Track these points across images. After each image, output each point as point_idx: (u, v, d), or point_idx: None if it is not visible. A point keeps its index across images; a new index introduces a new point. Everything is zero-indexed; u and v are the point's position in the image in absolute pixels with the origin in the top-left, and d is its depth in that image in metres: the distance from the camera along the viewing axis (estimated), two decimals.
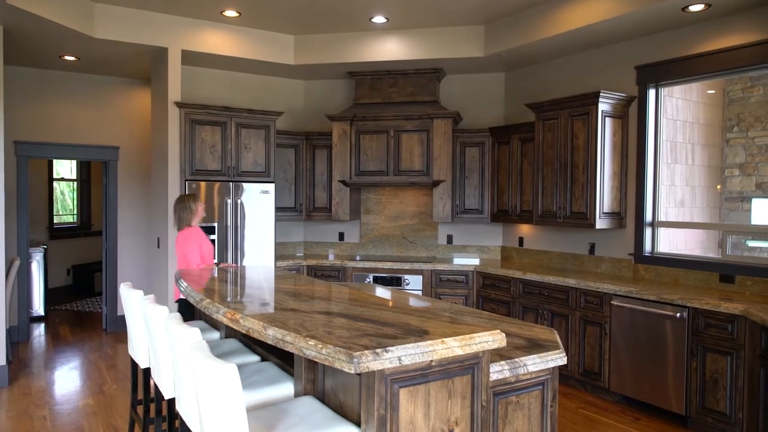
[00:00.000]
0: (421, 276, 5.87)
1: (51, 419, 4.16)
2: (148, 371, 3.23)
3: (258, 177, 5.91)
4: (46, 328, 7.05)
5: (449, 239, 6.58)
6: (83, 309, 8.21)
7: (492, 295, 5.62)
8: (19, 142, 6.41)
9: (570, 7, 4.82)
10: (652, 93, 4.93)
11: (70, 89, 6.71)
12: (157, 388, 2.92)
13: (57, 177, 9.70)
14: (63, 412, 4.31)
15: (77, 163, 9.98)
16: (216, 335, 3.47)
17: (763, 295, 4.08)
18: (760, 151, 5.74)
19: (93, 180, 10.00)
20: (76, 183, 10.15)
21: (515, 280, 5.37)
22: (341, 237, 6.87)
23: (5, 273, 5.30)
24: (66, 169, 9.99)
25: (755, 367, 3.56)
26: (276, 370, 2.66)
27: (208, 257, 4.42)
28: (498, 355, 2.26)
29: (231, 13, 5.44)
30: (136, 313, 3.11)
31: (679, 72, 4.67)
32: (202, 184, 5.58)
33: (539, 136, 5.43)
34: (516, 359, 2.25)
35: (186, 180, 5.52)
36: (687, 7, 4.19)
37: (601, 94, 4.82)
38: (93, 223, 10.01)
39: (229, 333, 3.43)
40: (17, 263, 5.58)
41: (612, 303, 4.51)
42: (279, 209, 6.33)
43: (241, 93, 6.57)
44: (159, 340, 2.67)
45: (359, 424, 2.01)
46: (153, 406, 3.88)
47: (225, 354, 2.98)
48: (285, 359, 2.74)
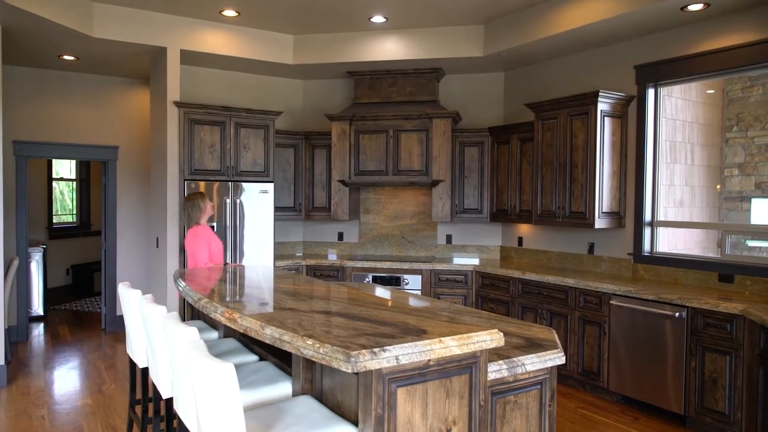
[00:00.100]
0: (420, 276, 5.87)
1: (50, 419, 4.16)
2: (146, 371, 3.23)
3: (257, 177, 5.91)
4: (45, 327, 7.05)
5: (448, 239, 6.58)
6: (82, 309, 8.21)
7: (491, 295, 5.62)
8: (19, 141, 6.40)
9: (569, 7, 4.82)
10: (651, 92, 4.93)
11: (69, 89, 6.71)
12: (156, 387, 2.92)
13: (56, 177, 9.70)
14: (62, 411, 4.31)
15: (76, 163, 9.98)
16: (215, 335, 3.47)
17: (762, 295, 4.08)
18: (759, 151, 5.74)
19: (92, 180, 10.00)
20: (75, 183, 10.15)
21: (514, 279, 5.37)
22: (340, 237, 6.87)
23: (4, 273, 5.30)
24: (65, 169, 9.99)
25: (754, 367, 3.56)
26: (274, 369, 2.65)
27: (217, 256, 4.40)
28: (496, 355, 2.26)
29: (230, 13, 5.44)
30: (134, 313, 3.10)
31: (678, 71, 4.66)
32: (201, 183, 5.57)
33: (538, 135, 5.42)
34: (514, 359, 2.24)
35: (185, 180, 5.51)
36: (686, 7, 4.19)
37: (600, 93, 4.82)
38: (92, 223, 10.01)
39: (228, 333, 3.42)
40: (16, 263, 5.58)
41: (611, 303, 4.51)
42: (278, 209, 6.33)
43: (241, 93, 6.57)
44: (157, 339, 2.67)
45: (357, 423, 2.01)
46: (151, 405, 3.87)
47: (223, 353, 2.98)
48: (283, 359, 2.73)
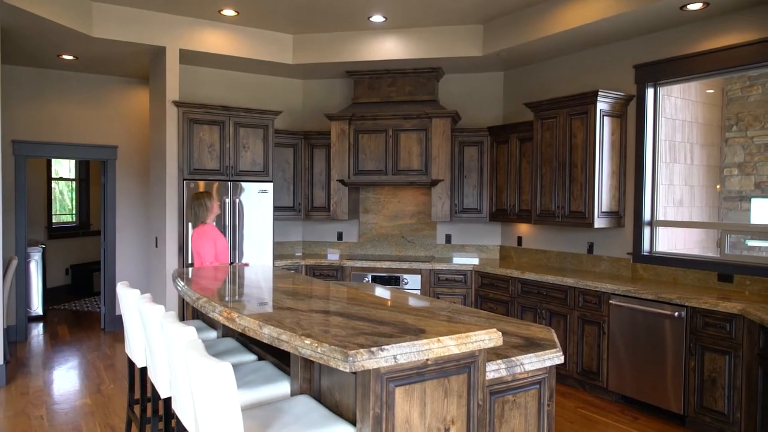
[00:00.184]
0: (420, 275, 5.87)
1: (48, 419, 4.15)
2: (145, 370, 3.22)
3: (256, 176, 5.91)
4: (44, 327, 7.04)
5: (448, 239, 6.58)
6: (82, 308, 8.20)
7: (490, 295, 5.61)
8: (18, 141, 6.40)
9: (568, 7, 4.82)
10: (650, 92, 4.92)
11: (68, 88, 6.71)
12: (154, 387, 2.92)
13: (56, 176, 9.69)
14: (60, 411, 4.31)
15: (76, 163, 9.98)
16: (213, 334, 3.47)
17: (762, 295, 4.07)
18: (759, 151, 5.73)
19: (92, 179, 10.00)
20: (74, 182, 10.14)
21: (514, 279, 5.37)
22: (340, 236, 6.87)
23: (3, 272, 5.30)
24: (65, 169, 9.98)
25: (753, 367, 3.55)
26: (272, 369, 2.65)
27: (222, 255, 4.41)
28: (495, 354, 2.26)
29: (229, 12, 5.44)
30: (132, 313, 3.10)
31: (678, 71, 4.66)
32: (200, 183, 5.57)
33: (538, 135, 5.42)
34: (513, 358, 2.24)
35: (184, 179, 5.51)
36: (685, 6, 4.19)
37: (600, 93, 4.81)
38: (92, 223, 10.00)
39: (227, 332, 3.42)
40: (15, 262, 5.57)
41: (610, 302, 4.51)
42: (277, 209, 6.33)
43: (240, 92, 6.56)
44: (155, 339, 2.66)
45: (355, 423, 2.00)
46: (150, 405, 3.87)
47: (221, 353, 2.97)
48: (282, 358, 2.73)
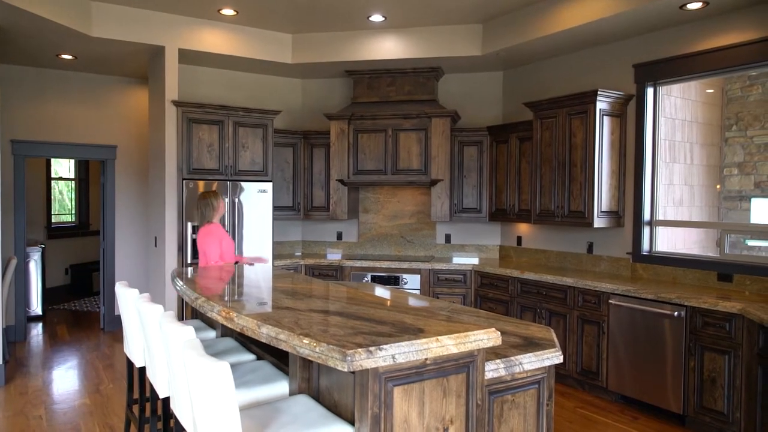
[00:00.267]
0: (419, 275, 5.86)
1: (47, 419, 4.15)
2: (143, 370, 3.22)
3: (255, 176, 5.90)
4: (43, 327, 7.04)
5: (447, 238, 6.57)
6: (81, 308, 8.20)
7: (490, 294, 5.61)
8: (16, 141, 6.39)
9: (568, 6, 4.81)
10: (650, 91, 4.92)
11: (67, 88, 6.70)
12: (153, 387, 2.91)
13: (55, 176, 9.69)
14: (59, 411, 4.30)
15: (75, 163, 9.97)
16: (212, 334, 3.46)
17: (761, 294, 4.07)
18: (758, 150, 5.73)
19: (91, 179, 9.99)
20: (74, 182, 10.14)
21: (513, 279, 5.36)
22: (339, 236, 6.86)
23: (2, 272, 5.29)
24: (64, 169, 9.98)
25: (753, 366, 3.55)
26: (271, 368, 2.64)
27: (228, 254, 4.43)
28: (494, 354, 2.25)
29: (228, 12, 5.43)
30: (131, 312, 3.09)
31: (677, 70, 4.66)
32: (199, 183, 5.56)
33: (537, 134, 5.41)
34: (512, 358, 2.23)
35: (183, 179, 5.50)
36: (684, 5, 4.18)
37: (599, 92, 4.81)
38: (91, 223, 9.99)
39: (225, 332, 3.41)
40: (14, 262, 5.56)
41: (610, 302, 4.50)
42: (277, 208, 6.32)
43: (239, 92, 6.56)
44: (154, 338, 2.66)
45: (354, 422, 2.00)
46: (149, 405, 3.87)
47: (220, 353, 2.97)
48: (280, 358, 2.72)
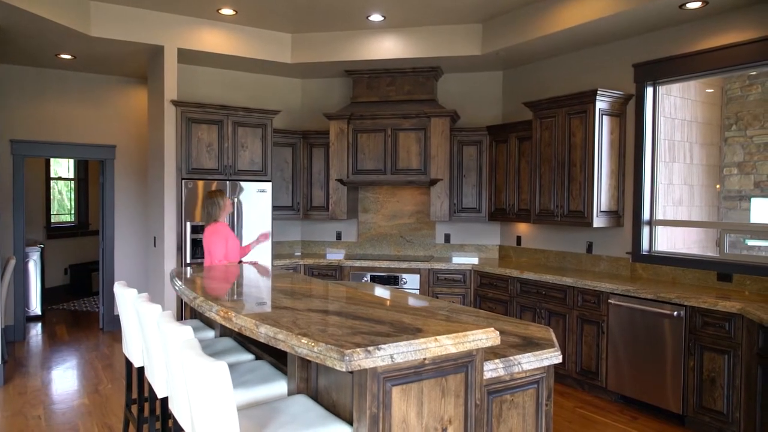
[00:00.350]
0: (419, 275, 5.86)
1: (46, 419, 4.14)
2: (142, 370, 3.21)
3: (255, 176, 5.90)
4: (42, 327, 7.03)
5: (447, 238, 6.56)
6: (80, 308, 8.19)
7: (489, 294, 5.60)
8: (15, 141, 6.39)
9: (567, 5, 4.80)
10: (649, 91, 4.91)
11: (66, 88, 6.69)
12: (151, 387, 2.90)
13: (55, 176, 9.68)
14: (58, 411, 4.29)
15: (75, 163, 9.96)
16: (211, 334, 3.45)
17: (761, 294, 4.06)
18: (758, 150, 5.72)
19: (91, 179, 9.98)
20: (73, 182, 10.13)
21: (512, 279, 5.36)
22: (339, 236, 6.86)
23: (1, 272, 5.28)
24: (64, 169, 9.97)
25: (752, 366, 3.54)
26: (270, 368, 2.64)
27: (233, 253, 4.44)
28: (493, 354, 2.24)
29: (227, 12, 5.42)
30: (129, 312, 3.09)
31: (677, 70, 4.65)
32: (199, 182, 5.56)
33: (537, 134, 5.41)
34: (510, 357, 2.23)
35: (182, 179, 5.50)
36: (684, 5, 4.18)
37: (599, 92, 4.80)
38: (90, 223, 9.99)
39: (224, 332, 3.41)
40: (13, 262, 5.56)
41: (609, 302, 4.50)
42: (276, 208, 6.31)
43: (239, 92, 6.55)
44: (152, 338, 2.65)
45: (352, 422, 1.99)
46: (147, 405, 3.86)
47: (219, 353, 2.96)
48: (279, 358, 2.72)
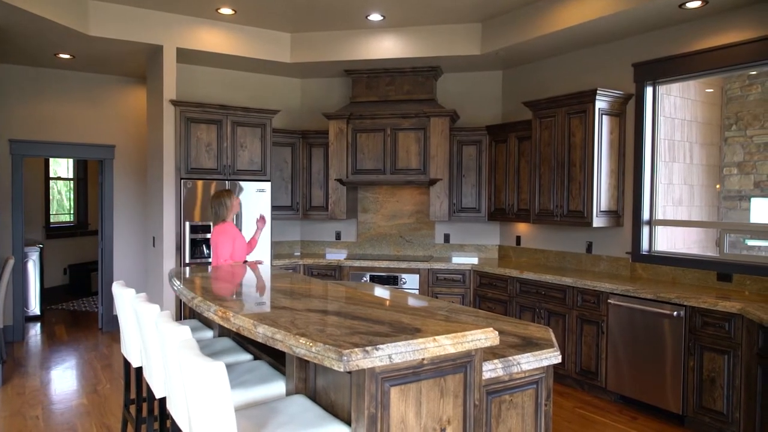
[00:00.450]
0: (418, 275, 5.85)
1: (44, 419, 4.13)
2: (140, 370, 3.20)
3: (254, 175, 5.89)
4: (41, 327, 7.02)
5: (446, 238, 6.56)
6: (79, 308, 8.18)
7: (489, 294, 5.59)
8: (14, 140, 6.38)
9: (567, 5, 4.80)
10: (649, 91, 4.90)
11: (65, 87, 6.68)
12: (150, 387, 2.89)
13: (54, 176, 9.67)
14: (56, 411, 4.28)
15: (74, 162, 9.95)
16: (209, 334, 3.44)
17: (761, 294, 4.06)
18: (758, 150, 5.71)
19: (90, 179, 9.97)
20: (72, 182, 10.12)
21: (512, 278, 5.35)
22: (338, 236, 6.85)
23: None
24: (63, 168, 9.96)
25: (752, 366, 3.53)
26: (268, 368, 2.63)
27: (239, 253, 4.44)
28: (492, 354, 2.24)
29: (226, 11, 5.41)
30: (128, 312, 3.08)
31: (677, 69, 4.64)
32: (198, 182, 5.55)
33: (536, 134, 5.40)
34: (510, 358, 2.22)
35: (181, 178, 5.49)
36: (684, 4, 4.17)
37: (598, 91, 4.79)
38: (90, 223, 9.98)
39: (223, 332, 3.40)
40: (11, 262, 5.54)
41: (609, 302, 4.49)
42: (275, 208, 6.31)
43: (238, 91, 6.54)
44: (150, 338, 2.64)
45: (350, 423, 1.98)
46: (146, 405, 3.85)
47: (217, 353, 2.95)
48: (278, 358, 2.71)
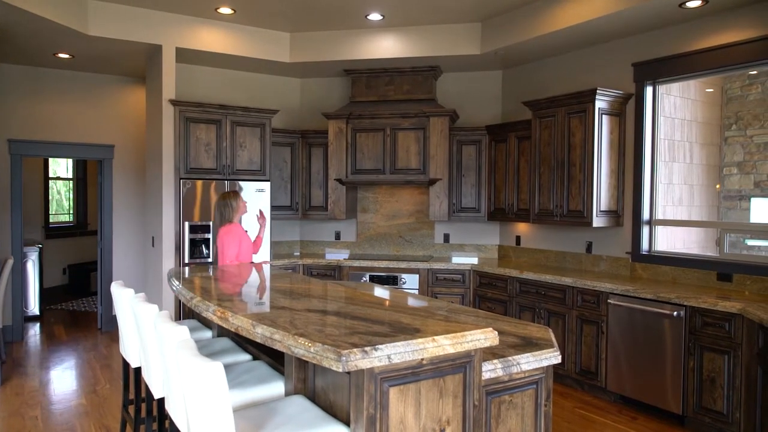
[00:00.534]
0: (418, 275, 5.84)
1: (43, 419, 4.12)
2: (139, 371, 3.19)
3: (253, 175, 5.88)
4: (41, 327, 7.01)
5: (446, 238, 6.55)
6: (79, 308, 8.17)
7: (489, 294, 5.59)
8: (13, 140, 6.37)
9: (566, 4, 4.79)
10: (649, 90, 4.89)
11: (64, 87, 6.67)
12: (148, 387, 2.89)
13: (53, 176, 9.66)
14: (55, 412, 4.27)
15: (73, 162, 9.94)
16: (208, 334, 3.44)
17: (761, 294, 4.05)
18: (758, 150, 5.71)
19: (89, 179, 9.96)
20: (72, 182, 10.11)
21: (512, 278, 5.34)
22: (338, 236, 6.84)
23: None
24: (62, 168, 9.95)
25: (752, 366, 3.53)
26: (267, 369, 2.62)
27: (245, 254, 4.43)
28: (491, 354, 2.23)
29: (226, 11, 5.41)
30: (126, 312, 3.07)
31: (677, 69, 4.63)
32: (197, 182, 5.54)
33: (536, 133, 5.39)
34: (509, 358, 2.21)
35: (181, 178, 5.48)
36: (684, 4, 4.16)
37: (598, 91, 4.78)
38: (89, 223, 9.97)
39: (222, 332, 3.39)
40: (10, 262, 5.54)
41: (609, 302, 4.48)
42: (275, 208, 6.30)
43: (237, 91, 6.53)
44: (148, 338, 2.63)
45: (349, 423, 1.98)
46: (144, 405, 3.85)
47: (216, 353, 2.94)
48: (276, 358, 2.70)
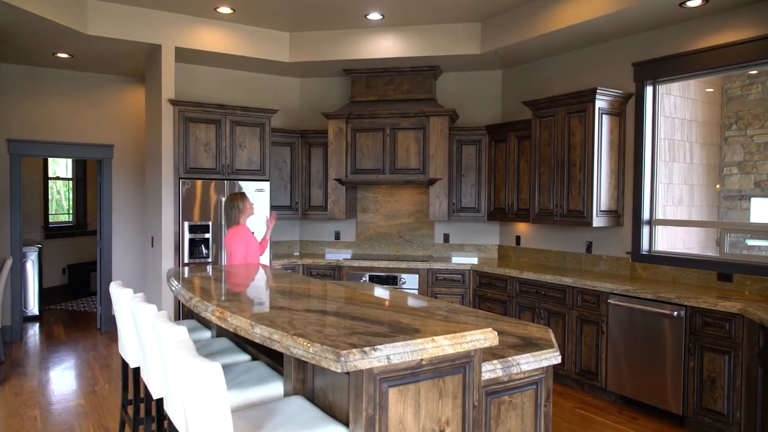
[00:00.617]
0: (418, 275, 5.83)
1: (42, 419, 4.12)
2: (138, 371, 3.18)
3: (253, 175, 5.87)
4: (40, 327, 7.00)
5: (446, 238, 6.54)
6: (78, 308, 8.16)
7: (489, 294, 5.58)
8: (13, 140, 6.36)
9: (566, 4, 4.78)
10: (649, 90, 4.89)
11: (63, 87, 6.66)
12: (147, 388, 2.88)
13: (53, 176, 9.65)
14: (54, 412, 4.27)
15: (73, 162, 9.93)
16: (207, 334, 3.43)
17: (762, 294, 4.04)
18: (758, 150, 5.70)
19: (89, 179, 9.95)
20: (71, 182, 10.10)
21: (512, 278, 5.33)
22: (337, 236, 6.83)
23: None
24: (62, 168, 9.94)
25: (753, 367, 3.52)
26: (266, 369, 2.61)
27: (252, 256, 4.43)
28: (491, 354, 2.22)
29: (225, 10, 5.40)
30: (125, 312, 3.06)
31: (677, 69, 4.63)
32: (197, 182, 5.53)
33: (536, 133, 5.38)
34: (509, 358, 2.20)
35: (180, 178, 5.47)
36: (684, 3, 4.15)
37: (598, 91, 4.78)
38: (89, 223, 9.96)
39: (221, 332, 3.38)
40: (10, 262, 5.53)
41: (609, 302, 4.47)
42: (274, 208, 6.29)
43: (237, 91, 6.53)
44: (147, 338, 2.63)
45: (348, 424, 1.97)
46: (143, 406, 3.84)
47: (215, 353, 2.94)
48: (276, 358, 2.69)
